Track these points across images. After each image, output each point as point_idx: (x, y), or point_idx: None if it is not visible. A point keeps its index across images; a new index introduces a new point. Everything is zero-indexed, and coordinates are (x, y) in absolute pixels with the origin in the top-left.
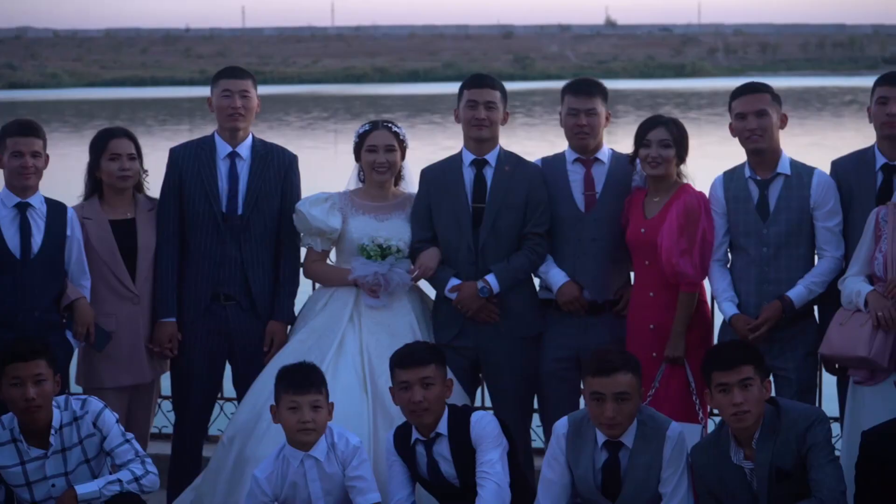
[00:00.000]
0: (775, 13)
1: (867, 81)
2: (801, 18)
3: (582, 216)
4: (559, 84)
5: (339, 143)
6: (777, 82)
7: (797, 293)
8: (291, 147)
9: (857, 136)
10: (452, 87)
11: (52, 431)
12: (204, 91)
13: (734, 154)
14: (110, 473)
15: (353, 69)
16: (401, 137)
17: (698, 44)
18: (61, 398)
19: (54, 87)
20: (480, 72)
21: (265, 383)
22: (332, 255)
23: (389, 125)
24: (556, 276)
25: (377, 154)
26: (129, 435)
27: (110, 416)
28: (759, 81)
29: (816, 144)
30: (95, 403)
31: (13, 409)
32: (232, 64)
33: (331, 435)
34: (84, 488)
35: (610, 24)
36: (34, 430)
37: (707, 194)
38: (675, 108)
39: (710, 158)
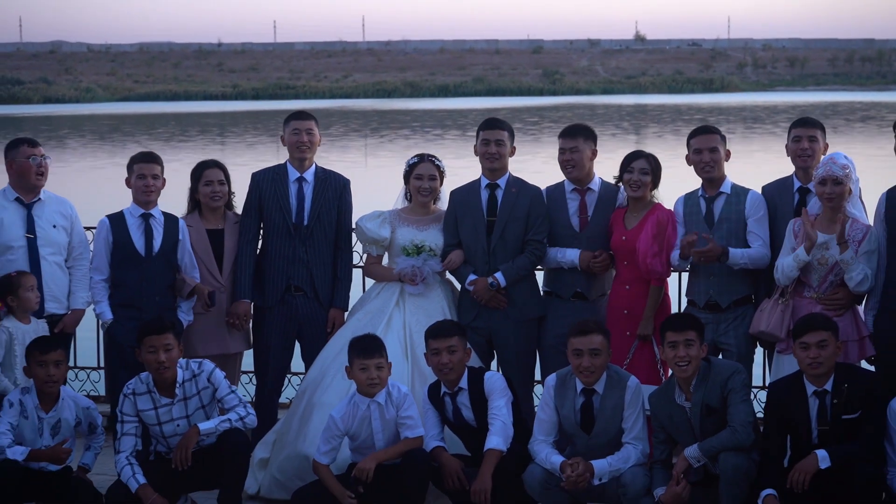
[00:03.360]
0: (804, 28)
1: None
2: (829, 33)
3: (577, 234)
4: (588, 99)
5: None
6: (805, 97)
7: (735, 251)
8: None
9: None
10: (482, 102)
11: (177, 385)
12: (235, 105)
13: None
14: (219, 415)
15: (383, 84)
16: (441, 169)
17: (727, 58)
18: (183, 360)
19: (88, 102)
20: (509, 87)
21: (330, 350)
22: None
23: (433, 159)
24: (571, 254)
25: (422, 182)
26: (234, 387)
27: (220, 373)
28: (711, 125)
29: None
30: (209, 364)
31: (149, 369)
32: (264, 78)
33: (387, 386)
34: (204, 425)
35: (639, 38)
36: (163, 384)
37: (673, 210)
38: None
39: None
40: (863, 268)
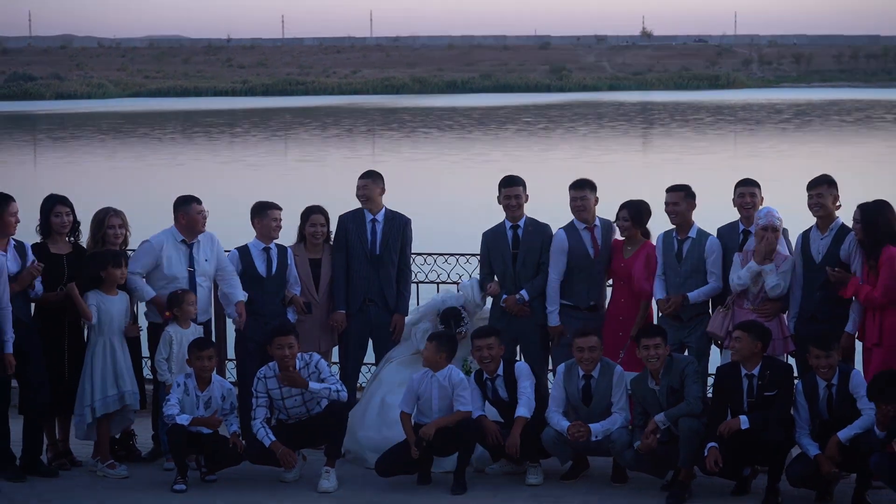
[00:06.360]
0: (810, 24)
1: None
2: (835, 30)
3: (593, 260)
4: (595, 95)
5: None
6: (810, 94)
7: (693, 294)
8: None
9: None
10: (489, 99)
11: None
12: (245, 102)
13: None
14: None
15: (392, 80)
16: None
17: (733, 55)
18: (299, 353)
19: (100, 97)
20: (517, 83)
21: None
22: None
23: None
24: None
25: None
26: (333, 370)
27: (324, 362)
28: (680, 184)
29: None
30: (316, 356)
31: (276, 360)
32: (273, 74)
33: (448, 369)
34: (313, 385)
35: (646, 34)
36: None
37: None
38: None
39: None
40: (777, 279)
